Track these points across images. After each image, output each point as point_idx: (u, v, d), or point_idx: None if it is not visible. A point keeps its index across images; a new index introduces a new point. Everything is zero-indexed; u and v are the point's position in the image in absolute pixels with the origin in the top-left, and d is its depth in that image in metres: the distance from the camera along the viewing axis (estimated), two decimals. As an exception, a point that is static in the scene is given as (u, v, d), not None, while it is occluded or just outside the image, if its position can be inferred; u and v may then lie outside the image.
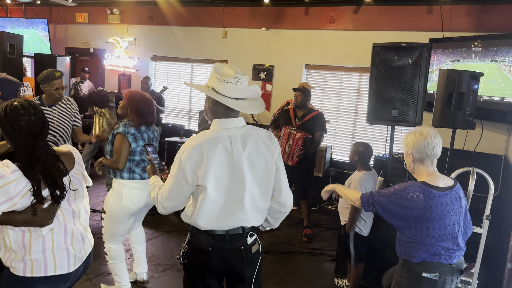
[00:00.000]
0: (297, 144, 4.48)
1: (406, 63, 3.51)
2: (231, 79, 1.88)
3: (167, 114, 8.11)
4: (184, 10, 7.52)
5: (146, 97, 3.12)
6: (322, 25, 6.64)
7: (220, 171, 1.88)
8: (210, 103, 1.97)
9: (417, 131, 2.22)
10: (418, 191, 2.13)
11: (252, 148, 1.94)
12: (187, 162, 1.87)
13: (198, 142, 1.88)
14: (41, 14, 9.07)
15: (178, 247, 4.37)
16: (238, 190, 1.93)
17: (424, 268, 2.18)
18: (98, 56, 8.78)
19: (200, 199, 1.90)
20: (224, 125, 1.93)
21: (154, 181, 2.18)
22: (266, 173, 1.98)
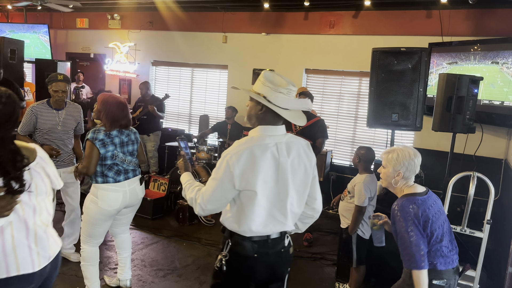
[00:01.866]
0: None
1: (405, 67, 3.52)
2: (284, 90, 1.92)
3: (168, 118, 8.12)
4: (184, 15, 7.55)
5: (120, 101, 3.12)
6: (322, 29, 6.67)
7: (267, 177, 1.91)
8: (258, 110, 1.97)
9: (408, 151, 2.33)
10: (409, 204, 2.22)
11: (295, 155, 1.99)
12: (236, 166, 1.87)
13: (247, 146, 1.90)
14: (42, 19, 9.11)
15: (179, 252, 4.36)
16: (282, 196, 1.96)
17: (433, 275, 2.22)
18: (99, 61, 8.80)
19: (247, 204, 1.92)
20: (271, 132, 1.96)
21: (187, 178, 2.16)
22: (304, 180, 2.04)
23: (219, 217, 5.94)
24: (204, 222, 5.27)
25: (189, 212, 5.20)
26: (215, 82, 7.87)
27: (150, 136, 6.92)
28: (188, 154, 2.34)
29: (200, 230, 5.06)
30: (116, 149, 3.08)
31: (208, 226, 5.23)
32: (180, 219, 5.24)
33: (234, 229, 1.98)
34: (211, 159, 6.43)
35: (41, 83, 6.11)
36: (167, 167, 6.87)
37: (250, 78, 7.32)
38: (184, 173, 2.23)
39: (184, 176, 2.21)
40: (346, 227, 3.48)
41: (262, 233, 1.97)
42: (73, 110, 3.78)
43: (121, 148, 3.12)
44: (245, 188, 1.89)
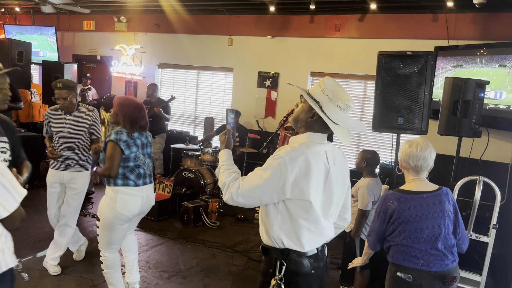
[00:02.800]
0: None
1: (411, 71, 3.51)
2: (342, 105, 1.84)
3: (173, 121, 8.15)
4: (190, 18, 7.58)
5: (137, 102, 3.14)
6: (327, 33, 6.67)
7: (318, 186, 1.82)
8: (308, 116, 1.89)
9: (408, 142, 2.36)
10: (392, 199, 2.31)
11: (338, 164, 1.92)
12: (290, 172, 1.75)
13: (304, 153, 1.79)
14: (49, 21, 9.19)
15: (183, 254, 4.37)
16: (326, 206, 1.88)
17: (399, 268, 2.30)
18: (105, 63, 8.86)
19: (301, 216, 1.81)
20: (320, 140, 1.89)
21: (226, 157, 2.02)
22: (342, 189, 1.97)
23: (223, 220, 5.97)
24: (208, 224, 5.28)
25: (193, 214, 5.22)
26: (220, 85, 7.89)
27: (156, 138, 6.94)
28: (233, 128, 2.15)
29: (205, 232, 5.07)
30: (139, 150, 3.09)
31: (212, 228, 5.24)
32: (184, 221, 5.25)
33: (290, 246, 1.84)
34: (216, 161, 6.45)
35: (48, 85, 6.15)
36: (172, 169, 6.89)
37: (256, 81, 7.34)
38: (224, 150, 2.07)
39: (223, 154, 2.05)
40: (350, 231, 3.48)
41: (315, 247, 1.89)
42: (83, 113, 3.73)
43: (142, 150, 3.12)
44: (298, 197, 1.77)
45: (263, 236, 1.94)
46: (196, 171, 6.11)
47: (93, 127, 3.75)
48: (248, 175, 1.85)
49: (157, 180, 5.83)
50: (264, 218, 1.91)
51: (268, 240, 1.90)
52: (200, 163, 6.51)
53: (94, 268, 3.88)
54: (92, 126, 3.75)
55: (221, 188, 1.90)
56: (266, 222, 1.90)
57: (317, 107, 1.83)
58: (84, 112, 3.74)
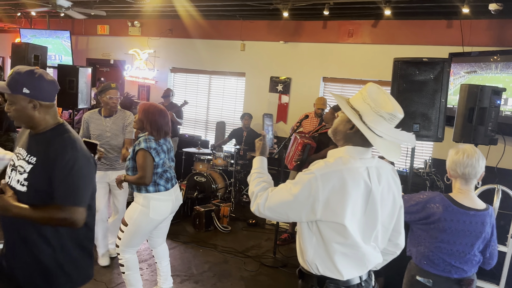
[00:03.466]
0: (297, 149, 4.47)
1: (427, 78, 3.49)
2: (387, 115, 1.61)
3: (184, 125, 8.19)
4: (203, 24, 7.64)
5: (161, 108, 3.17)
6: (340, 38, 6.67)
7: (356, 207, 1.60)
8: (347, 127, 1.69)
9: (455, 149, 2.26)
10: (439, 202, 2.22)
11: (385, 183, 1.69)
12: (321, 190, 1.57)
13: (337, 169, 1.60)
14: (64, 26, 9.32)
15: (195, 258, 4.38)
16: (369, 230, 1.67)
17: (420, 272, 2.26)
18: (118, 67, 8.95)
19: (335, 240, 1.61)
20: (361, 154, 1.67)
21: (259, 165, 1.91)
22: (391, 211, 1.74)
23: (234, 224, 5.96)
24: (220, 229, 5.29)
25: (205, 218, 5.23)
26: (232, 89, 7.92)
27: (168, 141, 6.99)
28: (270, 134, 2.14)
29: (216, 237, 5.08)
30: (166, 155, 3.14)
31: (224, 232, 5.25)
32: (196, 225, 5.27)
33: (326, 273, 1.67)
34: (227, 166, 6.47)
35: (63, 88, 6.24)
36: (184, 172, 6.92)
37: (267, 86, 7.36)
38: (258, 157, 1.95)
39: (257, 161, 1.94)
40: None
41: (356, 275, 1.68)
42: (121, 116, 3.98)
43: (167, 155, 3.18)
44: (329, 219, 1.59)
45: (299, 258, 1.79)
46: (208, 175, 6.13)
47: (128, 129, 3.97)
48: (278, 187, 1.70)
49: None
50: (300, 239, 1.75)
51: (304, 264, 1.74)
52: (212, 167, 6.53)
53: (106, 270, 3.91)
54: (128, 127, 3.96)
55: (250, 197, 1.80)
56: (301, 244, 1.73)
57: (356, 117, 1.63)
58: (121, 115, 3.98)
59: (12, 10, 8.77)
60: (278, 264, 4.38)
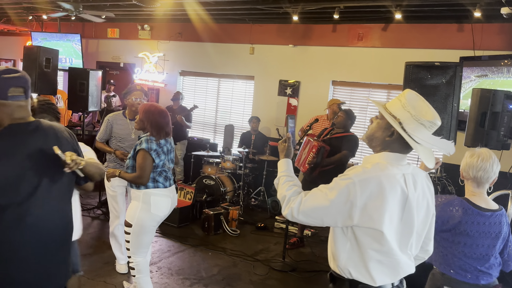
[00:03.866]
0: (311, 151, 4.45)
1: (439, 82, 3.48)
2: (427, 123, 1.62)
3: (193, 128, 8.20)
4: (213, 27, 7.66)
5: (162, 109, 3.19)
6: (350, 42, 6.66)
7: (393, 214, 1.61)
8: (386, 134, 1.69)
9: (471, 152, 2.26)
10: (458, 205, 2.21)
11: (420, 189, 1.70)
12: (359, 196, 1.57)
13: (375, 175, 1.60)
14: (74, 29, 9.41)
15: (204, 262, 4.38)
16: (405, 238, 1.67)
17: (447, 281, 2.22)
18: (128, 71, 9.00)
19: (371, 246, 1.62)
20: (398, 161, 1.68)
21: (285, 168, 1.89)
22: (425, 218, 1.74)
23: (243, 228, 5.94)
24: (229, 232, 5.29)
25: (214, 221, 5.23)
26: (241, 93, 7.94)
27: (177, 144, 7.01)
28: (293, 134, 2.11)
29: (225, 240, 5.08)
30: (166, 157, 3.16)
31: (233, 236, 5.24)
32: (205, 228, 5.27)
33: (358, 278, 1.67)
34: (236, 169, 6.47)
35: (74, 90, 6.29)
36: (193, 175, 6.93)
37: (276, 89, 7.36)
38: (283, 160, 1.94)
39: (283, 163, 1.92)
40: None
41: (389, 282, 1.68)
42: None
43: (167, 156, 3.19)
44: (366, 225, 1.59)
45: (330, 262, 1.78)
46: (216, 178, 6.14)
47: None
48: (312, 192, 1.69)
49: (178, 187, 5.88)
50: (332, 244, 1.75)
51: (336, 268, 1.74)
52: (220, 170, 6.54)
53: (117, 273, 3.92)
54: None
55: (280, 201, 1.77)
56: (333, 249, 1.73)
57: (397, 125, 1.63)
58: None
59: (24, 13, 8.87)
60: (287, 268, 4.37)
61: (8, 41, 10.99)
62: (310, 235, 5.38)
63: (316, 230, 5.53)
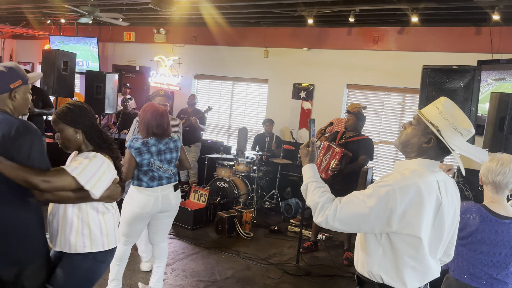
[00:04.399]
0: (335, 158, 4.41)
1: (457, 86, 3.44)
2: (464, 131, 1.64)
3: (207, 130, 8.25)
4: (227, 31, 7.70)
5: (156, 109, 3.22)
6: (365, 45, 6.62)
7: (429, 221, 1.64)
8: (423, 141, 1.70)
9: (492, 156, 2.22)
10: (475, 213, 2.17)
11: (449, 196, 1.73)
12: (399, 203, 1.58)
13: (416, 182, 1.62)
14: (91, 33, 9.55)
15: (218, 264, 4.39)
16: (436, 243, 1.70)
17: (461, 287, 2.19)
18: (144, 74, 9.11)
19: (407, 252, 1.64)
20: (432, 168, 1.70)
21: (312, 174, 1.88)
22: (451, 223, 1.76)
23: (256, 231, 5.92)
24: (242, 235, 5.29)
25: (228, 224, 5.24)
26: (255, 96, 7.96)
27: (191, 147, 7.05)
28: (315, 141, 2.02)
29: (239, 243, 5.08)
30: (153, 157, 3.19)
31: (246, 239, 5.24)
32: (219, 230, 5.28)
33: (389, 282, 1.69)
34: (250, 172, 6.48)
35: (91, 93, 6.39)
36: (207, 178, 6.96)
37: (291, 92, 7.36)
38: (308, 165, 1.92)
39: (309, 169, 1.91)
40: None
41: (417, 286, 1.71)
42: (173, 123, 4.03)
43: (158, 156, 3.22)
44: (405, 231, 1.61)
45: (358, 266, 1.80)
46: (230, 181, 6.15)
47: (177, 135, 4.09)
48: (346, 199, 1.69)
49: (192, 189, 5.91)
50: (362, 248, 1.76)
51: (364, 272, 1.76)
52: (234, 173, 6.55)
53: (132, 274, 3.95)
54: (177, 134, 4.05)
55: (312, 208, 1.76)
56: (363, 254, 1.75)
57: (436, 131, 1.65)
58: (173, 122, 4.01)
59: (42, 17, 9.05)
60: (301, 272, 4.35)
61: (27, 44, 11.22)
62: (324, 239, 5.35)
63: (330, 234, 5.49)
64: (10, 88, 2.00)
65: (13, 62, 2.18)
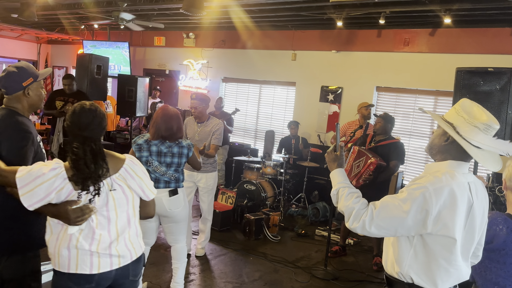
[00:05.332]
0: (368, 168, 4.33)
1: (493, 88, 3.34)
2: (481, 125, 1.65)
3: (234, 133, 8.31)
4: (255, 34, 7.75)
5: (167, 113, 3.28)
6: (396, 47, 6.52)
7: (462, 221, 1.66)
8: (442, 140, 1.74)
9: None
10: (502, 224, 2.05)
11: (480, 197, 1.74)
12: (434, 204, 1.60)
13: (449, 184, 1.64)
14: (123, 37, 9.81)
15: (246, 266, 4.41)
16: (467, 245, 1.72)
17: None
18: (173, 77, 9.27)
19: (442, 254, 1.66)
20: (463, 169, 1.71)
21: (342, 179, 1.89)
22: (480, 225, 1.77)
23: (284, 234, 5.91)
24: (270, 238, 5.29)
25: (255, 226, 5.26)
26: (282, 99, 7.96)
27: (219, 149, 7.11)
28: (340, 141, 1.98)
29: (266, 246, 5.09)
30: (151, 156, 3.25)
31: (273, 241, 5.24)
32: (246, 232, 5.30)
33: (420, 283, 1.70)
34: (277, 175, 6.48)
35: (123, 96, 6.55)
36: (234, 180, 7.01)
37: (318, 95, 7.32)
38: (337, 170, 1.93)
39: (338, 174, 1.91)
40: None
41: (448, 286, 1.71)
42: (211, 124, 4.30)
43: (158, 157, 3.27)
44: (441, 232, 1.63)
45: (387, 267, 1.80)
46: (257, 183, 6.17)
47: (216, 135, 4.27)
48: (381, 203, 1.69)
49: (220, 191, 5.96)
50: (392, 249, 1.77)
51: (394, 273, 1.76)
52: (261, 175, 6.57)
53: (162, 274, 4.03)
54: (215, 133, 4.25)
55: (346, 213, 1.76)
56: (394, 254, 1.76)
57: (450, 128, 1.68)
58: (211, 123, 4.31)
59: (77, 23, 9.36)
60: (329, 276, 4.31)
61: (61, 49, 11.62)
62: (352, 244, 5.29)
63: (359, 239, 5.42)
64: (23, 86, 2.18)
65: (23, 62, 2.32)
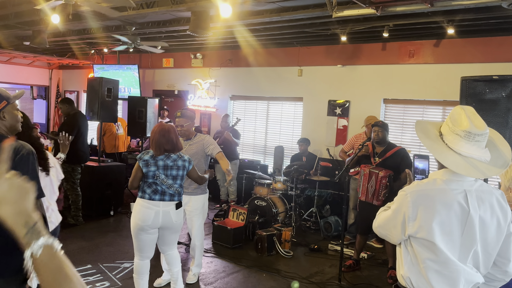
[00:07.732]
0: (381, 183, 4.34)
1: (499, 96, 3.35)
2: (461, 132, 1.65)
3: (244, 149, 8.36)
4: (261, 52, 7.87)
5: (163, 128, 3.45)
6: (401, 59, 6.57)
7: (448, 227, 1.68)
8: None
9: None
10: None
11: (487, 207, 1.71)
12: (410, 206, 1.72)
13: (428, 188, 1.73)
14: (132, 60, 10.02)
15: (260, 283, 4.39)
16: (465, 250, 1.72)
17: None
18: (182, 97, 9.41)
19: (426, 256, 1.72)
20: (459, 177, 1.71)
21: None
22: (495, 237, 1.74)
23: (296, 249, 5.88)
24: (282, 254, 5.27)
25: (267, 242, 5.24)
26: (290, 114, 8.02)
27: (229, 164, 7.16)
28: None
29: (279, 262, 5.06)
30: (158, 170, 3.39)
31: (286, 257, 5.22)
32: (258, 249, 5.29)
33: (419, 287, 1.77)
34: (287, 190, 6.48)
35: (133, 118, 6.67)
36: (245, 196, 7.02)
37: (326, 109, 7.37)
38: None
39: None
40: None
41: None
42: (198, 140, 4.19)
43: (164, 171, 3.41)
44: (419, 235, 1.70)
45: (398, 274, 1.92)
46: (268, 199, 6.18)
47: (209, 147, 4.14)
48: (385, 207, 1.94)
49: (231, 208, 5.97)
50: (398, 257, 1.92)
51: (401, 279, 1.87)
52: (271, 191, 6.58)
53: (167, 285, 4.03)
54: (209, 147, 4.14)
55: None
56: (399, 261, 1.90)
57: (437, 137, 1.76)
58: (197, 139, 4.21)
59: (86, 48, 9.61)
60: (343, 290, 4.27)
61: (72, 74, 11.89)
62: (366, 258, 5.24)
63: (373, 252, 5.37)
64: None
65: None
